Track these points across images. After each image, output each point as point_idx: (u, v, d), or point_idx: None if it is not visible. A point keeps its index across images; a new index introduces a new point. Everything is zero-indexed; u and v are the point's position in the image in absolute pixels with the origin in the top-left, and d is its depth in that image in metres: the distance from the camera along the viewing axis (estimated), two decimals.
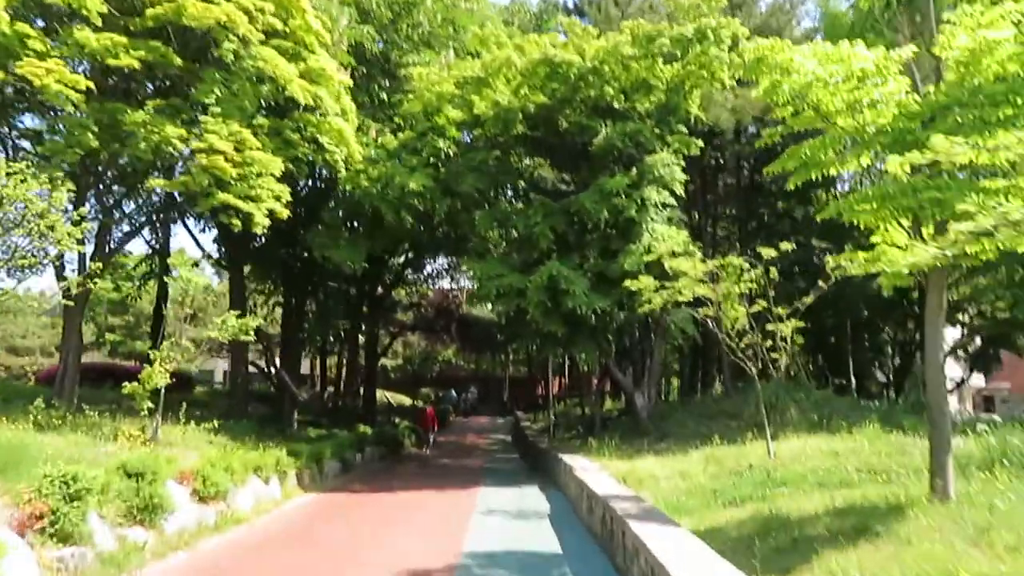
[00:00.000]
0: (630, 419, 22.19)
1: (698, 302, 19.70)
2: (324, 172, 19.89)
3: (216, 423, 16.35)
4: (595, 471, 13.93)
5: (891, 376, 33.87)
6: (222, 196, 15.44)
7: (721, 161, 23.73)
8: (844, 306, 26.94)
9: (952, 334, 34.69)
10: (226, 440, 16.44)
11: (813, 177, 10.56)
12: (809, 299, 14.58)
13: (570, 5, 27.60)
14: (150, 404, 14.43)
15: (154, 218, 22.00)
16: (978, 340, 31.51)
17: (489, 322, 45.72)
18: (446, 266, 38.68)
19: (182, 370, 38.95)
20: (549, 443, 25.18)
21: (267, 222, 16.29)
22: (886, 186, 8.52)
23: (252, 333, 16.45)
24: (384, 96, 22.40)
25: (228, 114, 15.92)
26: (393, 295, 42.56)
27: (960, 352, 31.69)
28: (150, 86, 18.06)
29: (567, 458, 16.35)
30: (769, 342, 14.09)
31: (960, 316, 32.04)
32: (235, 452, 13.87)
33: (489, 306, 38.67)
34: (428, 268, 39.55)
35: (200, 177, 15.03)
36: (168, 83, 17.63)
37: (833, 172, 10.28)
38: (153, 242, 30.07)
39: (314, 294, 31.08)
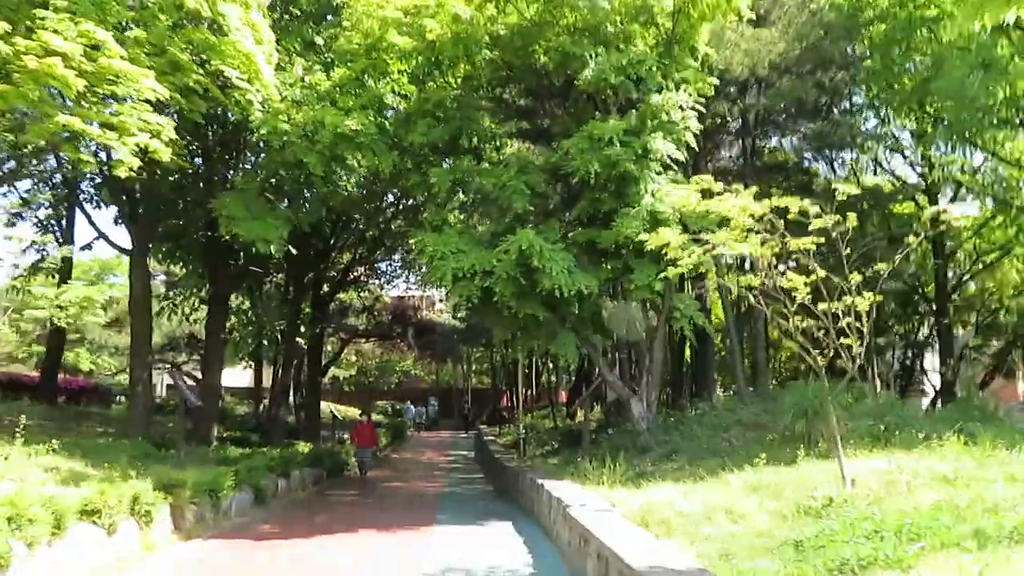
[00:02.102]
0: (624, 432, 17.56)
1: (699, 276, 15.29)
2: (234, 116, 14.97)
3: (58, 442, 11.44)
4: (598, 509, 9.25)
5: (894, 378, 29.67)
6: (64, 119, 10.56)
7: (728, 120, 19.40)
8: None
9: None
10: (83, 465, 11.52)
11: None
12: (887, 265, 10.20)
13: None
14: None
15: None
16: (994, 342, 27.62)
17: (451, 329, 40.94)
18: (400, 263, 33.88)
19: (99, 382, 33.67)
20: (519, 461, 20.45)
21: (136, 163, 11.42)
22: None
23: (100, 308, 11.58)
24: (318, 39, 17.66)
25: (83, 12, 11.10)
26: (344, 298, 37.57)
27: (974, 354, 27.70)
28: None
29: (551, 486, 11.65)
30: (847, 320, 9.58)
31: (970, 316, 28.18)
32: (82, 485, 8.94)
33: (447, 297, 33.87)
34: (383, 266, 34.78)
35: (28, 87, 10.13)
36: None
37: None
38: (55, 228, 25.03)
39: (245, 289, 26.05)
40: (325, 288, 29.60)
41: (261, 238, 15.01)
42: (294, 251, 22.05)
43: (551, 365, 40.88)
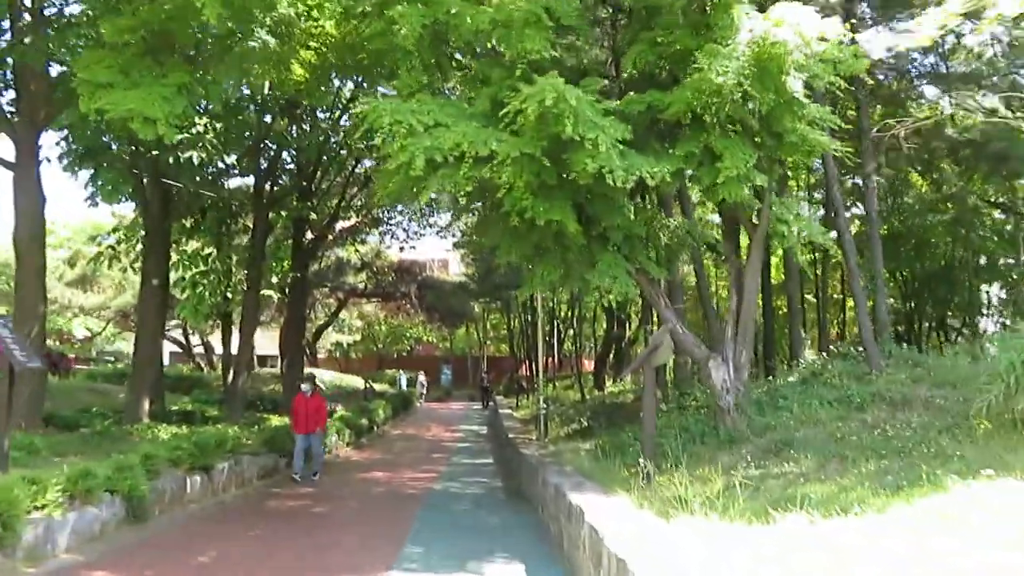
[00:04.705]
0: (690, 408, 11.84)
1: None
2: None
3: None
4: None
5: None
6: None
7: None
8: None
9: None
10: None
11: None
12: None
13: None
14: None
15: None
16: None
17: (461, 287, 35.30)
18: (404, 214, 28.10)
19: (54, 350, 28.26)
20: (539, 445, 14.91)
21: None
22: None
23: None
24: None
25: None
26: (342, 255, 31.98)
27: None
28: None
29: (601, 520, 5.96)
30: None
31: None
32: None
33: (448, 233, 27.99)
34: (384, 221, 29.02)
35: None
36: None
37: None
38: None
39: (209, 233, 20.48)
40: (308, 235, 24.05)
41: (139, 115, 9.28)
42: (230, 162, 16.53)
43: (574, 328, 35.12)
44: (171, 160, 13.29)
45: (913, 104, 18.36)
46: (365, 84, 13.85)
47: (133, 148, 15.46)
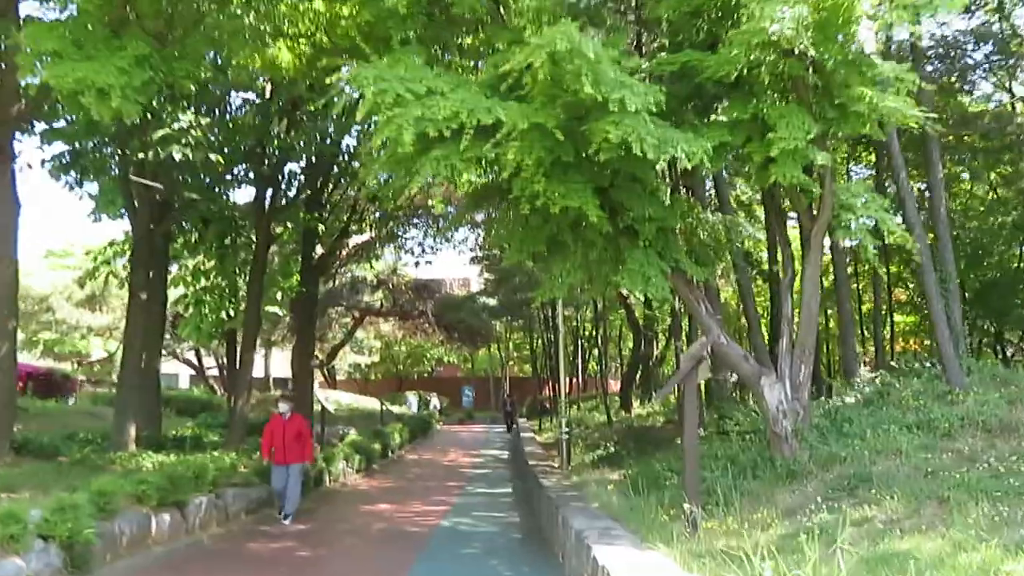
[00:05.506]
0: (730, 432, 10.10)
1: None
2: None
3: None
4: None
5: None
6: None
7: None
8: None
9: None
10: None
11: None
12: None
13: None
14: None
15: None
16: None
17: (480, 305, 33.77)
18: (420, 226, 26.70)
19: (57, 372, 27.11)
20: (562, 475, 13.33)
21: None
22: None
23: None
24: None
25: None
26: (356, 270, 30.63)
27: None
28: None
29: None
30: None
31: None
32: None
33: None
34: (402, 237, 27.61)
35: None
36: None
37: None
38: None
39: (212, 249, 19.15)
40: (319, 250, 22.72)
41: (91, 87, 7.94)
42: (216, 159, 15.04)
43: (599, 347, 33.42)
44: (151, 155, 11.94)
45: (967, 96, 16.75)
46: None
47: (120, 152, 14.28)
